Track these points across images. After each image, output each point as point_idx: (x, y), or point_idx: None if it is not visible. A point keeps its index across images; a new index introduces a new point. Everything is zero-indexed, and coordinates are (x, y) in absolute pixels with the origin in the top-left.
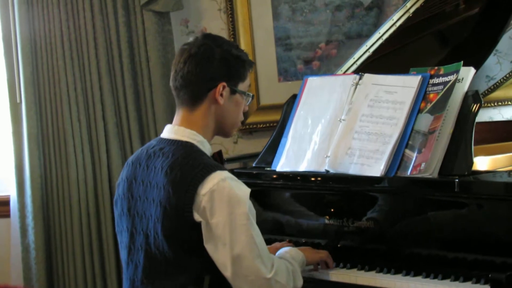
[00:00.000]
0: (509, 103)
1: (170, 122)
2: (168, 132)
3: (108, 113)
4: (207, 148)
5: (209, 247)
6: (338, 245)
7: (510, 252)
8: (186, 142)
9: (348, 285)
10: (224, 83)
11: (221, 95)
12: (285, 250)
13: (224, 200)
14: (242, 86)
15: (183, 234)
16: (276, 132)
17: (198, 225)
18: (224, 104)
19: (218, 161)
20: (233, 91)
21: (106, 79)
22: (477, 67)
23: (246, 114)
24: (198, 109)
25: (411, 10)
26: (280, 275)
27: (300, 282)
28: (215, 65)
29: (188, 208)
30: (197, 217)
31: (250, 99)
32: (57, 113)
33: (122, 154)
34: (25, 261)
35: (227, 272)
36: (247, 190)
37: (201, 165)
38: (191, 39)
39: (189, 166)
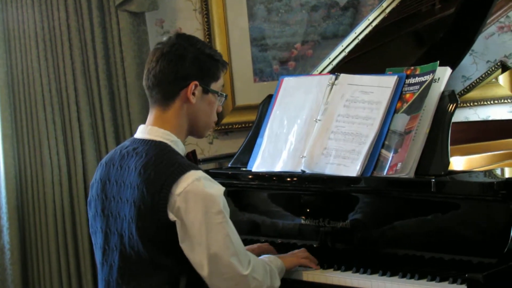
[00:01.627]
0: (485, 103)
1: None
2: (141, 132)
3: (83, 114)
4: (180, 148)
5: (184, 246)
6: (314, 246)
7: (487, 252)
8: (160, 142)
9: (324, 285)
10: (196, 82)
11: (193, 94)
12: (264, 256)
13: (199, 200)
14: (215, 86)
15: (157, 234)
16: (251, 132)
17: (173, 224)
18: (197, 103)
19: (192, 160)
20: (206, 91)
21: (81, 79)
22: (453, 67)
23: (220, 115)
24: (170, 108)
25: (387, 10)
26: (257, 271)
27: (277, 282)
28: (187, 64)
29: (162, 208)
30: (171, 216)
31: (224, 99)
32: (32, 114)
33: (97, 155)
34: (0, 262)
35: (203, 271)
36: (221, 189)
37: (176, 165)
38: (165, 38)
39: (163, 165)
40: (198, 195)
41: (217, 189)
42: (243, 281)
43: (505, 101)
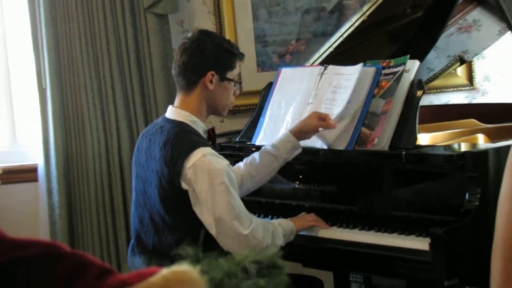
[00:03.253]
0: (446, 90)
1: (170, 103)
2: (169, 112)
3: (118, 97)
4: (200, 126)
5: (196, 210)
6: (306, 206)
7: (447, 211)
8: (181, 122)
9: (313, 238)
10: (213, 72)
11: (211, 81)
12: (278, 219)
13: (205, 173)
14: (231, 74)
15: (175, 199)
16: (255, 113)
17: (186, 192)
18: (214, 89)
19: (212, 136)
20: (222, 78)
21: (116, 69)
22: (421, 60)
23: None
24: (192, 93)
25: (367, 13)
26: (257, 231)
27: (279, 241)
28: (205, 56)
29: (176, 179)
30: (184, 185)
31: (239, 85)
32: (76, 97)
33: (129, 131)
34: (51, 217)
35: (212, 231)
36: (225, 163)
37: (187, 143)
38: (190, 34)
39: (178, 143)
40: (204, 169)
41: (221, 164)
42: (244, 239)
43: (462, 88)
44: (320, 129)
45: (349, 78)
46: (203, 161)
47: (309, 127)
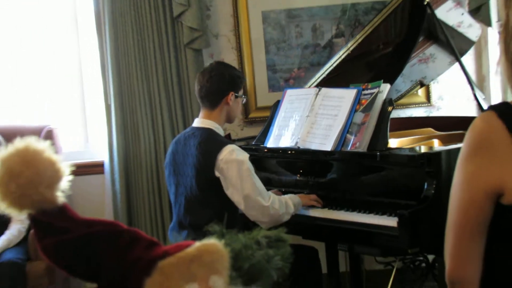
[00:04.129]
0: (409, 106)
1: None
2: (197, 122)
3: (164, 110)
4: (221, 132)
5: (228, 192)
6: (305, 193)
7: (410, 198)
8: (208, 128)
9: (310, 217)
10: (232, 92)
11: (230, 99)
12: (288, 195)
13: (234, 163)
14: (240, 92)
15: (207, 184)
16: (266, 123)
17: (217, 179)
18: (232, 104)
19: (228, 139)
20: (236, 96)
21: (163, 90)
22: (391, 84)
23: (247, 111)
24: (216, 109)
25: (350, 49)
26: (275, 203)
27: (290, 210)
28: (226, 82)
29: (211, 169)
30: (217, 174)
31: (245, 99)
32: (132, 111)
33: (172, 136)
34: (114, 202)
35: (241, 206)
36: (247, 155)
37: (218, 142)
38: (207, 65)
39: (211, 142)
40: (233, 160)
41: (244, 155)
42: (266, 210)
43: (422, 105)
44: (316, 140)
45: (339, 98)
46: (232, 155)
47: (307, 203)
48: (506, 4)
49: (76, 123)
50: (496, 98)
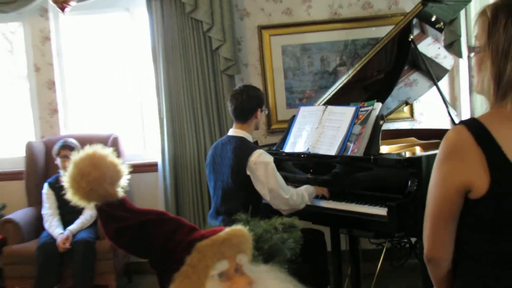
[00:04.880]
0: (397, 120)
1: (230, 127)
2: (231, 132)
3: (205, 123)
4: (250, 139)
5: (257, 187)
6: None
7: (397, 192)
8: (241, 137)
9: (319, 207)
10: (260, 109)
11: (258, 114)
12: (304, 186)
13: (262, 164)
14: (264, 107)
15: (240, 180)
16: (285, 133)
17: (248, 176)
18: (259, 117)
19: (256, 144)
20: (261, 111)
21: (204, 107)
22: (382, 102)
23: (270, 124)
24: (246, 122)
25: (351, 75)
26: (293, 196)
27: (305, 200)
28: (254, 102)
29: (243, 168)
30: (248, 172)
31: (266, 111)
32: (180, 123)
33: (210, 143)
34: (165, 195)
35: (267, 198)
36: (271, 157)
37: (249, 147)
38: (238, 86)
39: (243, 148)
40: (261, 162)
41: (269, 157)
42: (286, 201)
43: (407, 119)
44: (324, 147)
45: (341, 114)
46: (259, 157)
47: (319, 192)
48: (489, 32)
49: (136, 132)
50: (466, 114)
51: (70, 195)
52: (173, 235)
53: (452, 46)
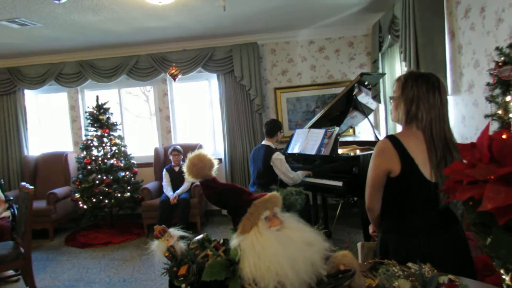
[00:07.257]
0: (345, 136)
1: (263, 139)
2: (264, 142)
3: (246, 137)
4: (273, 146)
5: (276, 171)
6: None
7: (347, 173)
8: (268, 145)
9: (306, 181)
10: (279, 131)
11: (278, 134)
12: (300, 171)
13: (278, 159)
14: (281, 130)
15: (266, 168)
16: (288, 142)
17: (271, 166)
18: (278, 135)
19: (276, 149)
20: (280, 132)
21: (245, 128)
22: (338, 126)
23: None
24: (273, 137)
25: (322, 113)
26: (295, 176)
27: (302, 177)
28: (277, 128)
29: (269, 161)
30: (271, 164)
31: (282, 132)
32: (234, 136)
33: (250, 147)
34: (225, 177)
35: (282, 177)
36: (283, 156)
37: (273, 150)
38: (268, 119)
39: (269, 150)
40: (278, 158)
41: (282, 156)
42: (291, 179)
43: (351, 136)
44: (309, 150)
45: (317, 133)
46: (278, 156)
47: (306, 174)
48: (402, 88)
49: (210, 142)
50: (383, 133)
51: (186, 175)
52: (241, 197)
53: (376, 97)
